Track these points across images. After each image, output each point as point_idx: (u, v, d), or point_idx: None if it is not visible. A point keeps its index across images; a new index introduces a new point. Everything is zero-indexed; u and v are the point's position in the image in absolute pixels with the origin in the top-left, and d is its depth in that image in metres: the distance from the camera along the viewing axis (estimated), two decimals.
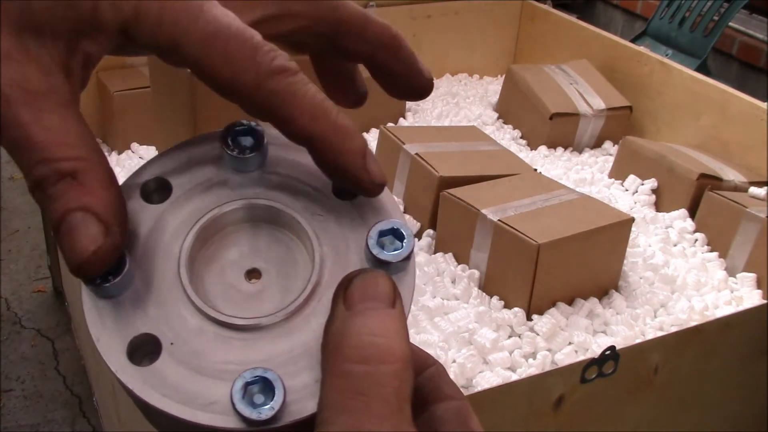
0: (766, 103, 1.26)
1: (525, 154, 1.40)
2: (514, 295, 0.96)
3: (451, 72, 1.74)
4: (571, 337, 0.93)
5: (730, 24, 2.43)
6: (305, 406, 0.23)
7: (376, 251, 0.25)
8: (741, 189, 1.18)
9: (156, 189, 0.27)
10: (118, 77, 1.37)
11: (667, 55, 2.20)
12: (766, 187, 1.17)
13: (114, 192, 0.24)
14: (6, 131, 0.23)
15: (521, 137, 1.47)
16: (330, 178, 0.26)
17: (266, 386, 0.22)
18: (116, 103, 1.31)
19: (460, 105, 1.58)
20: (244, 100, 0.24)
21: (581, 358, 0.81)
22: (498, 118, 1.53)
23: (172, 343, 0.24)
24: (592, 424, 0.84)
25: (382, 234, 0.25)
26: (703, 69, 2.15)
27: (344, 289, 0.23)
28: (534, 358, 0.90)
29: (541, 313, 0.95)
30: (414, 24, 1.65)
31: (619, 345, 0.78)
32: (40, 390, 1.65)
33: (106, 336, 0.24)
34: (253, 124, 0.27)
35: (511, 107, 1.51)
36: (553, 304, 0.97)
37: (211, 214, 0.26)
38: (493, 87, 1.67)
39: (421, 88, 0.31)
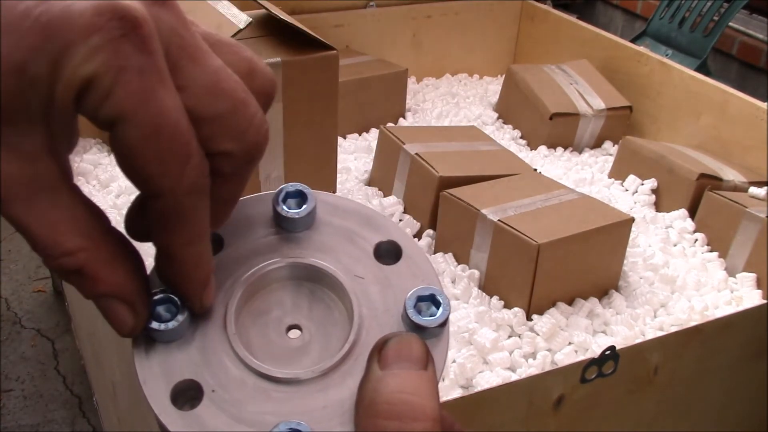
0: (766, 103, 1.26)
1: (525, 154, 1.40)
2: (514, 295, 0.96)
3: (451, 72, 1.74)
4: (571, 337, 0.93)
5: (730, 24, 2.42)
6: None
7: (413, 315, 0.26)
8: (741, 189, 1.18)
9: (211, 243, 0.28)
10: None
11: (667, 55, 2.20)
12: (766, 187, 1.17)
13: (125, 271, 0.24)
14: (12, 225, 0.23)
15: (521, 137, 1.47)
16: (169, 285, 0.27)
17: None
18: None
19: (460, 105, 1.58)
20: (150, 198, 0.24)
21: (581, 358, 0.81)
22: (498, 118, 1.53)
23: (213, 391, 0.25)
24: (592, 424, 0.84)
25: (421, 299, 0.26)
26: (703, 69, 2.15)
27: (379, 349, 0.24)
28: (534, 358, 0.90)
29: (541, 313, 0.95)
30: (414, 24, 1.65)
31: (619, 345, 0.78)
32: (40, 390, 1.65)
33: (153, 379, 0.25)
34: (304, 187, 0.28)
35: (511, 107, 1.51)
36: (553, 304, 0.97)
37: (259, 271, 0.28)
38: (493, 87, 1.67)
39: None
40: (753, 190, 1.17)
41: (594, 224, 0.96)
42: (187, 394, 0.25)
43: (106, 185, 1.19)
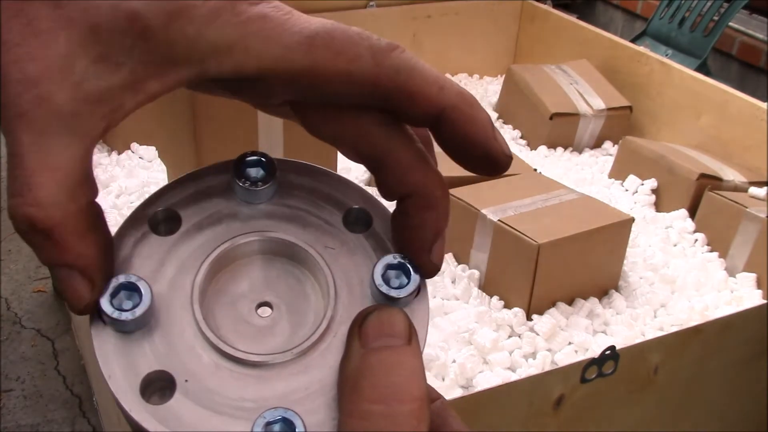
0: (766, 103, 1.26)
1: (525, 154, 1.40)
2: (514, 295, 0.96)
3: (451, 72, 1.74)
4: (571, 337, 0.93)
5: (730, 24, 2.42)
6: None
7: (381, 286, 0.24)
8: (741, 189, 1.18)
9: (164, 220, 0.26)
10: None
11: (667, 55, 2.20)
12: (766, 187, 1.17)
13: (92, 244, 0.23)
14: (4, 134, 0.21)
15: (521, 137, 1.47)
16: (454, 155, 0.25)
17: (287, 427, 0.22)
18: None
19: None
20: (367, 87, 0.23)
21: (581, 358, 0.81)
22: (498, 118, 1.53)
23: (186, 380, 0.23)
24: (592, 424, 0.84)
25: (390, 268, 0.25)
26: (703, 69, 2.15)
27: (359, 326, 0.23)
28: (534, 358, 0.90)
29: (541, 313, 0.95)
30: (414, 24, 1.65)
31: (619, 345, 0.78)
32: (40, 390, 1.65)
33: (119, 373, 0.23)
34: (264, 155, 0.26)
35: (511, 107, 1.51)
36: (553, 304, 0.97)
37: (222, 248, 0.25)
38: (493, 87, 1.67)
39: (493, 160, 0.25)
40: (753, 190, 1.17)
41: (594, 224, 0.96)
42: (158, 386, 0.23)
43: (106, 185, 1.19)
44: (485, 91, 1.66)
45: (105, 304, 0.23)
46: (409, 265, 0.25)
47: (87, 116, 0.21)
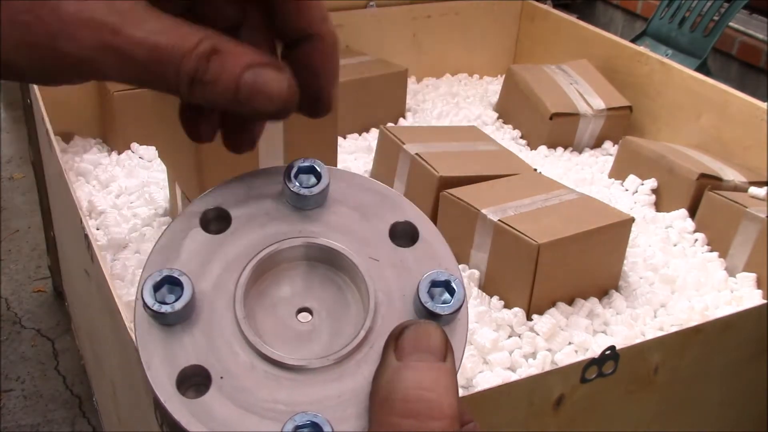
0: (766, 103, 1.26)
1: (525, 154, 1.40)
2: (514, 295, 0.96)
3: (451, 72, 1.74)
4: (571, 337, 0.93)
5: (730, 24, 2.42)
6: None
7: (426, 302, 0.25)
8: (741, 189, 1.18)
9: (215, 219, 0.27)
10: None
11: (667, 55, 2.20)
12: (766, 187, 1.17)
13: (248, 44, 0.24)
14: (133, 55, 0.23)
15: (521, 137, 1.47)
16: (303, 86, 0.26)
17: (316, 431, 0.22)
18: (116, 103, 1.31)
19: (460, 105, 1.58)
20: (305, 44, 0.26)
21: (581, 358, 0.81)
22: (498, 118, 1.53)
23: (222, 377, 0.24)
24: (592, 424, 0.84)
25: (435, 284, 0.25)
26: (703, 69, 2.15)
27: (396, 339, 0.23)
28: (534, 358, 0.90)
29: (541, 313, 0.95)
30: (414, 24, 1.65)
31: (619, 345, 0.78)
32: (40, 390, 1.65)
33: (157, 364, 0.24)
34: (317, 163, 0.26)
35: (511, 107, 1.51)
36: (553, 304, 0.97)
37: (268, 250, 0.26)
38: (493, 87, 1.67)
39: (322, 104, 0.27)
40: (753, 190, 1.17)
41: (594, 224, 0.96)
42: (194, 380, 0.24)
43: (106, 185, 1.19)
44: (485, 91, 1.66)
45: (147, 296, 0.24)
46: (453, 283, 0.25)
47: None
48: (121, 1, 0.23)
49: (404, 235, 0.27)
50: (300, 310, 0.26)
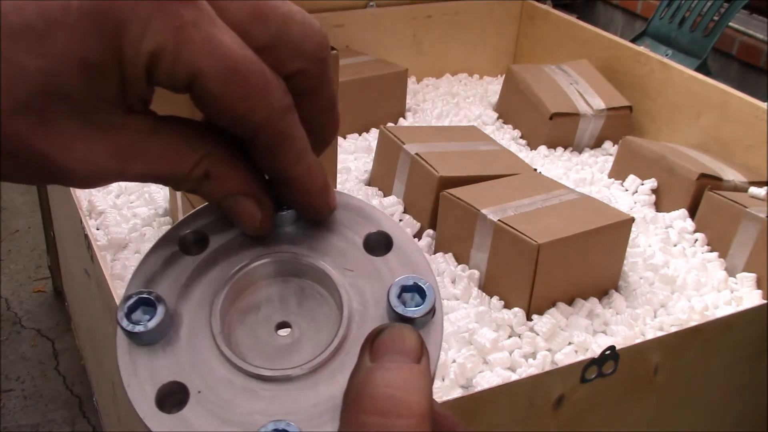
0: (766, 103, 1.26)
1: (525, 154, 1.40)
2: (514, 295, 0.96)
3: (451, 72, 1.74)
4: (571, 337, 0.93)
5: (730, 24, 2.42)
6: None
7: (396, 306, 0.25)
8: (741, 189, 1.18)
9: (194, 242, 0.28)
10: None
11: (667, 55, 2.20)
12: (766, 187, 1.17)
13: (243, 168, 0.26)
14: (135, 180, 0.25)
15: (521, 137, 1.47)
16: (296, 209, 0.28)
17: None
18: None
19: (460, 105, 1.58)
20: (249, 134, 0.25)
21: (581, 358, 0.81)
22: (498, 118, 1.53)
23: (199, 392, 0.25)
24: (592, 424, 0.84)
25: (405, 290, 0.25)
26: (703, 69, 2.15)
27: (371, 341, 0.23)
28: (534, 358, 0.90)
29: (541, 313, 0.95)
30: (414, 24, 1.65)
31: (619, 345, 0.78)
32: (40, 390, 1.65)
33: (137, 382, 0.25)
34: None
35: (511, 107, 1.51)
36: (553, 304, 0.97)
37: (245, 269, 0.27)
38: (493, 87, 1.67)
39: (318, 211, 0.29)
40: (753, 190, 1.17)
41: (594, 224, 0.96)
42: (174, 397, 0.25)
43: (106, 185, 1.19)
44: (485, 91, 1.66)
45: (122, 318, 0.25)
46: (423, 286, 0.25)
47: (139, 127, 0.25)
48: (128, 135, 0.24)
49: (378, 245, 0.28)
50: (279, 325, 0.27)
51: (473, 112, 1.54)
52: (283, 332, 0.27)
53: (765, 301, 1.03)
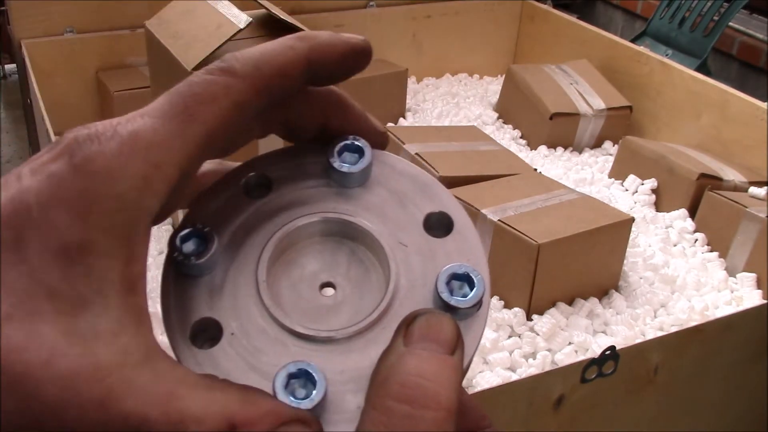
0: (766, 103, 1.26)
1: (525, 154, 1.40)
2: (514, 295, 0.96)
3: (451, 72, 1.73)
4: (571, 337, 0.93)
5: (730, 24, 2.42)
6: (339, 429, 0.23)
7: (443, 293, 0.24)
8: (741, 189, 1.18)
9: (257, 185, 0.27)
10: (118, 77, 1.37)
11: (667, 55, 2.20)
12: (766, 187, 1.17)
13: (269, 397, 0.22)
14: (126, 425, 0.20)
15: (521, 137, 1.47)
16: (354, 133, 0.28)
17: (308, 380, 0.23)
18: (116, 103, 1.31)
19: (460, 105, 1.58)
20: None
21: (581, 358, 0.81)
22: (498, 118, 1.53)
23: (233, 334, 0.24)
24: (592, 424, 0.84)
25: (455, 277, 0.25)
26: (703, 69, 2.15)
27: (407, 324, 0.23)
28: (534, 358, 0.90)
29: (541, 313, 0.95)
30: (414, 24, 1.65)
31: (619, 345, 0.78)
32: None
33: (174, 311, 0.25)
34: (362, 142, 0.27)
35: (511, 107, 1.51)
36: (553, 304, 0.97)
37: (301, 221, 0.26)
38: (493, 87, 1.67)
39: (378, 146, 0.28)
40: (753, 190, 1.17)
41: (594, 224, 0.96)
42: (207, 333, 0.24)
43: None
44: (485, 91, 1.66)
45: (174, 246, 0.25)
46: (474, 277, 0.25)
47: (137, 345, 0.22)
48: (114, 354, 0.21)
49: (438, 225, 0.27)
50: (324, 285, 0.26)
51: (473, 112, 1.54)
52: (325, 292, 0.26)
53: (765, 301, 1.03)
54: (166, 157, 0.22)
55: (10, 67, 2.60)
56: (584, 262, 0.98)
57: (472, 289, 0.25)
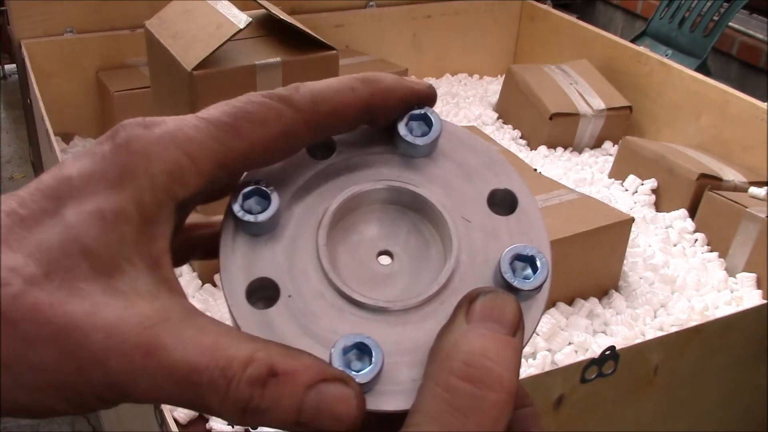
0: (766, 103, 1.26)
1: (525, 154, 1.40)
2: None
3: (451, 72, 1.73)
4: (571, 337, 0.93)
5: (730, 24, 2.42)
6: (394, 401, 0.23)
7: (506, 273, 0.24)
8: (741, 189, 1.18)
9: (321, 147, 0.27)
10: (118, 77, 1.37)
11: (667, 55, 2.20)
12: (766, 187, 1.17)
13: (307, 354, 0.22)
14: (168, 380, 0.20)
15: (521, 137, 1.47)
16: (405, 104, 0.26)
17: (364, 353, 0.22)
18: (116, 103, 1.31)
19: (460, 105, 1.58)
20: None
21: (581, 358, 0.81)
22: (498, 118, 1.53)
23: (290, 296, 0.24)
24: (592, 424, 0.84)
25: (519, 258, 0.24)
26: (703, 69, 2.15)
27: (470, 302, 0.23)
28: (534, 358, 0.90)
29: None
30: (414, 24, 1.65)
31: (619, 345, 0.78)
32: None
33: (233, 268, 0.24)
34: (431, 112, 0.26)
35: (511, 107, 1.51)
36: (553, 304, 0.97)
37: (364, 187, 0.26)
38: (493, 87, 1.67)
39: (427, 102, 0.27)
40: (753, 190, 1.17)
41: (594, 224, 0.96)
42: (264, 293, 0.24)
43: None
44: (485, 91, 1.66)
45: (235, 203, 0.25)
46: (539, 260, 0.24)
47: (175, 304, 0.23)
48: (157, 310, 0.21)
49: (503, 202, 0.26)
50: (381, 253, 0.26)
51: (473, 112, 1.54)
52: (383, 260, 0.26)
53: (765, 301, 1.03)
54: (201, 154, 0.23)
55: (10, 67, 2.60)
56: (584, 262, 0.98)
57: (535, 272, 0.24)
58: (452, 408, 0.21)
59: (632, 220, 1.00)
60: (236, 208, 0.24)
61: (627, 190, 1.28)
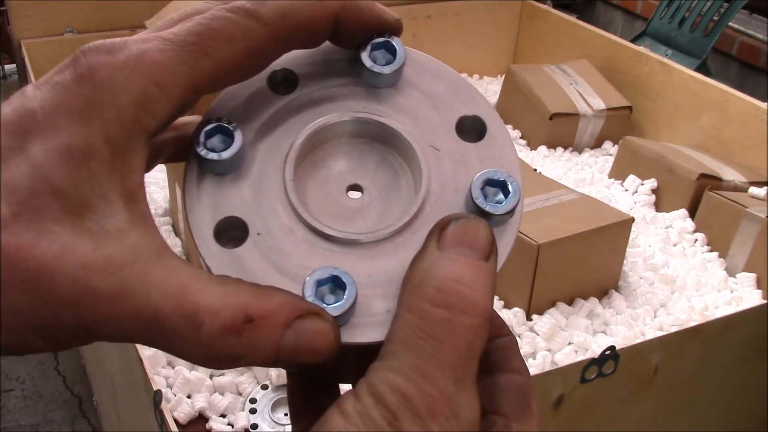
0: (766, 103, 1.26)
1: (525, 154, 1.40)
2: (514, 295, 0.96)
3: None
4: (571, 337, 0.93)
5: (730, 24, 2.42)
6: (369, 332, 0.22)
7: (477, 199, 0.24)
8: (741, 189, 1.18)
9: (283, 81, 0.26)
10: None
11: (667, 55, 2.20)
12: (766, 187, 1.17)
13: (284, 295, 0.22)
14: (137, 325, 0.20)
15: (521, 137, 1.47)
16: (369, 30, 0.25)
17: (337, 286, 0.22)
18: None
19: None
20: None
21: (581, 358, 0.81)
22: None
23: (259, 234, 0.24)
24: (592, 424, 0.84)
25: (490, 183, 0.24)
26: (703, 69, 2.15)
27: (441, 228, 0.22)
28: (534, 358, 0.90)
29: (541, 313, 0.95)
30: (414, 24, 1.65)
31: (619, 345, 0.78)
32: (40, 390, 1.65)
33: (199, 209, 0.24)
34: (396, 41, 0.26)
35: (511, 107, 1.51)
36: (553, 304, 0.97)
37: (329, 120, 0.25)
38: (493, 87, 1.67)
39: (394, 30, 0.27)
40: (753, 190, 1.17)
41: (594, 224, 0.96)
42: (232, 233, 0.24)
43: None
44: (485, 91, 1.66)
45: (197, 142, 0.24)
46: (510, 184, 0.24)
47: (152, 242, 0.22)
48: (125, 251, 0.21)
49: (471, 129, 0.26)
50: (351, 187, 0.25)
51: None
52: (353, 195, 0.25)
53: (765, 301, 1.03)
54: (169, 80, 0.22)
55: (10, 67, 2.60)
56: (584, 262, 0.98)
57: (507, 196, 0.24)
58: (426, 334, 0.20)
59: (632, 220, 1.00)
60: (199, 147, 0.24)
61: (627, 190, 1.28)
